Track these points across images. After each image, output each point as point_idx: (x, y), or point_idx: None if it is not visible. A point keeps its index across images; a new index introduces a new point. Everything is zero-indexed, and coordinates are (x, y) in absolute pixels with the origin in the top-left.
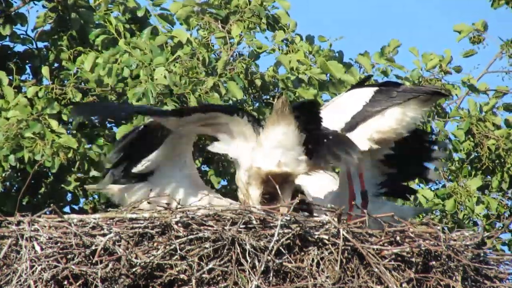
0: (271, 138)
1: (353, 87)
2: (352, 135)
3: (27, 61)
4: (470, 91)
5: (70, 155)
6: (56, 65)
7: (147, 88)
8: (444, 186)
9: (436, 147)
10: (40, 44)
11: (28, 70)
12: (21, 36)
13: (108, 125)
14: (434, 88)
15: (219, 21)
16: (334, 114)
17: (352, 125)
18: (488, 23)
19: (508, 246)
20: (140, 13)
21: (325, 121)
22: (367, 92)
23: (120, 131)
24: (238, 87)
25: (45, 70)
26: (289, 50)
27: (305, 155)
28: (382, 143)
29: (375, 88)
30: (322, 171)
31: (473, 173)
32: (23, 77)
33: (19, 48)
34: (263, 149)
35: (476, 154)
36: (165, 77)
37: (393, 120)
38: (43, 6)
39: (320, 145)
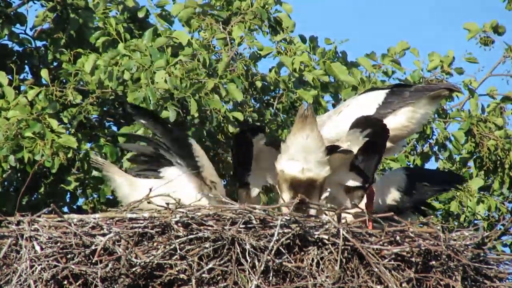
0: (295, 143)
1: (368, 90)
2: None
3: (25, 61)
4: (470, 95)
5: (70, 155)
6: (55, 64)
7: (146, 94)
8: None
9: None
10: (39, 43)
11: (27, 69)
12: (20, 35)
13: (107, 124)
14: (444, 85)
15: (220, 23)
16: (350, 118)
17: None
18: (501, 25)
19: (509, 247)
20: (141, 14)
21: (343, 124)
22: (380, 95)
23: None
24: (238, 89)
25: (44, 73)
26: (288, 50)
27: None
28: (394, 140)
29: (388, 90)
30: None
31: (475, 173)
32: (21, 76)
33: (18, 47)
34: (287, 154)
35: (478, 155)
36: (165, 81)
37: (405, 118)
38: (42, 5)
39: None
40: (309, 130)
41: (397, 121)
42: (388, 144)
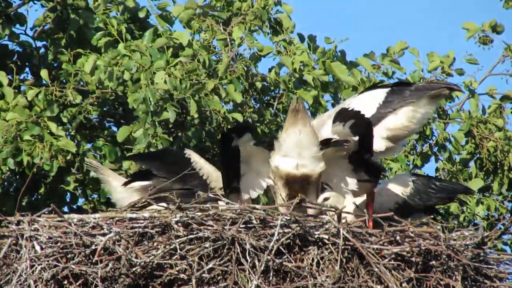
0: (288, 139)
1: (367, 89)
2: None
3: (25, 61)
4: (470, 95)
5: (69, 157)
6: (55, 64)
7: (146, 95)
8: None
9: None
10: (39, 43)
11: (27, 69)
12: (20, 35)
13: (107, 125)
14: (445, 84)
15: (221, 24)
16: None
17: None
18: (500, 24)
19: (509, 246)
20: (141, 14)
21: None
22: (380, 94)
23: (120, 132)
24: (238, 91)
25: (44, 73)
26: (288, 51)
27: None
28: (394, 140)
29: (388, 89)
30: None
31: (474, 173)
32: (21, 76)
33: (18, 47)
34: (281, 150)
35: (478, 156)
36: (165, 81)
37: (405, 117)
38: (42, 6)
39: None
40: (301, 125)
41: (398, 120)
42: (389, 144)
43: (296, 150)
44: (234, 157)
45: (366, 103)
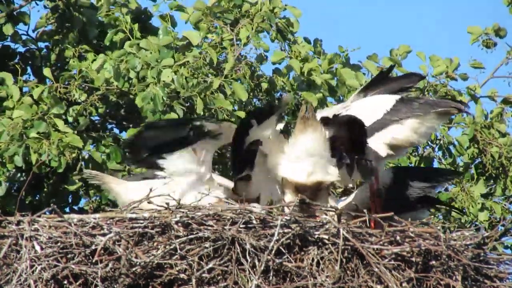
0: (299, 147)
1: (374, 83)
2: (370, 142)
3: (28, 62)
4: (472, 100)
5: (74, 155)
6: (57, 65)
7: (157, 93)
8: (446, 189)
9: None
10: (41, 44)
11: (29, 70)
12: (22, 36)
13: (109, 126)
14: (455, 104)
15: (228, 25)
16: None
17: (370, 132)
18: (503, 27)
19: (511, 249)
20: (154, 9)
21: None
22: (389, 100)
23: (128, 135)
24: (244, 89)
25: (46, 71)
26: (294, 52)
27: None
28: (395, 149)
29: (398, 97)
30: None
31: (475, 177)
32: (23, 77)
33: (20, 48)
34: (291, 159)
35: (480, 160)
36: (172, 80)
37: (410, 129)
38: (45, 7)
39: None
40: (311, 132)
41: (402, 131)
42: (390, 152)
43: (306, 157)
44: (250, 142)
45: (374, 107)
